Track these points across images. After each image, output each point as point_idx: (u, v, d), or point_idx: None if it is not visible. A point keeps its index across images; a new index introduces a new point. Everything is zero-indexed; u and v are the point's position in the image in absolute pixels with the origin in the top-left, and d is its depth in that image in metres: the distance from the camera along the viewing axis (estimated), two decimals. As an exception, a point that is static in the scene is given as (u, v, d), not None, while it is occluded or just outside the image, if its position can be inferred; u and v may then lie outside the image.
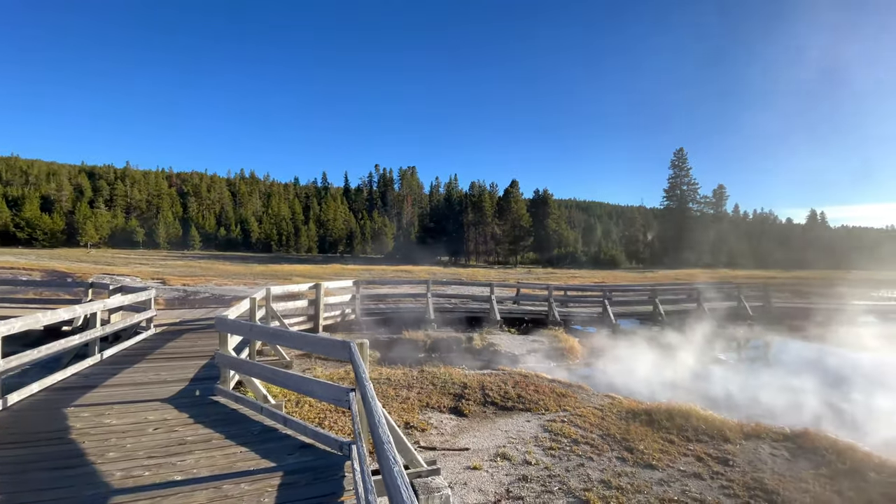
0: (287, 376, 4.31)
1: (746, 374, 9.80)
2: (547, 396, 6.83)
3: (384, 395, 6.58)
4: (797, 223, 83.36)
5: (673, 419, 5.74)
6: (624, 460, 4.78)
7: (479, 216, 72.21)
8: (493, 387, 7.22)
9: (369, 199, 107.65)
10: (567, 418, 6.01)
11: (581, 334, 12.69)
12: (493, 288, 13.85)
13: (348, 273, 34.25)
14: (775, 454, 5.08)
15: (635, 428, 5.58)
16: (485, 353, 10.78)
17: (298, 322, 10.84)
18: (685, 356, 10.59)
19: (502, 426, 5.80)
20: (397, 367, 8.28)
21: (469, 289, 20.75)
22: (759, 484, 4.28)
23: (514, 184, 73.22)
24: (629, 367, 9.78)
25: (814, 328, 14.71)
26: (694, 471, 4.56)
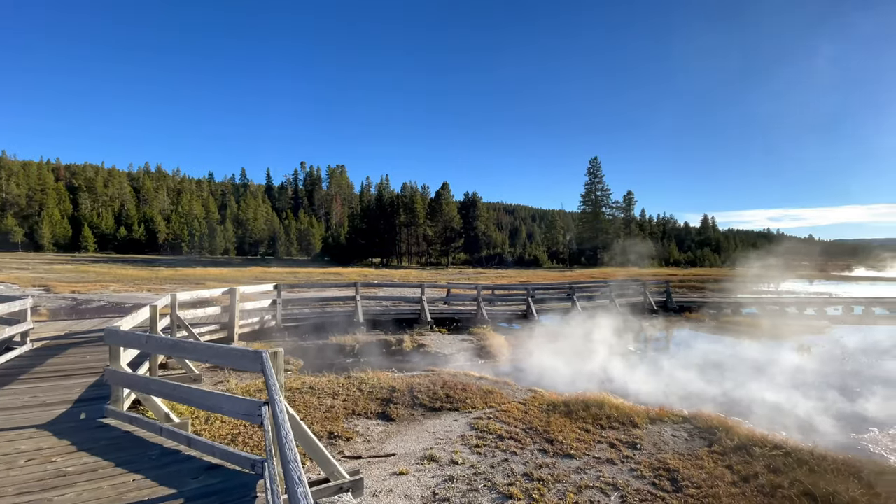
0: (190, 392, 3.89)
1: (652, 362, 10.76)
2: (474, 395, 6.94)
3: (306, 406, 6.25)
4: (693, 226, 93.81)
5: (588, 409, 6.12)
6: (545, 452, 4.98)
7: (412, 217, 72.10)
8: (422, 388, 7.18)
9: (295, 197, 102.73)
10: (493, 415, 6.15)
11: (507, 331, 13.13)
12: (423, 289, 13.84)
13: (270, 276, 32.34)
14: (676, 435, 5.60)
15: (555, 419, 5.86)
16: (415, 354, 10.73)
17: (210, 331, 9.97)
18: (600, 348, 11.38)
19: (430, 428, 5.77)
20: (323, 375, 7.93)
21: (401, 290, 20.60)
22: (662, 464, 4.69)
23: (445, 186, 74.16)
24: (551, 361, 10.29)
25: (707, 319, 16.61)
26: (607, 457, 4.88)
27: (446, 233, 72.08)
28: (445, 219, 71.63)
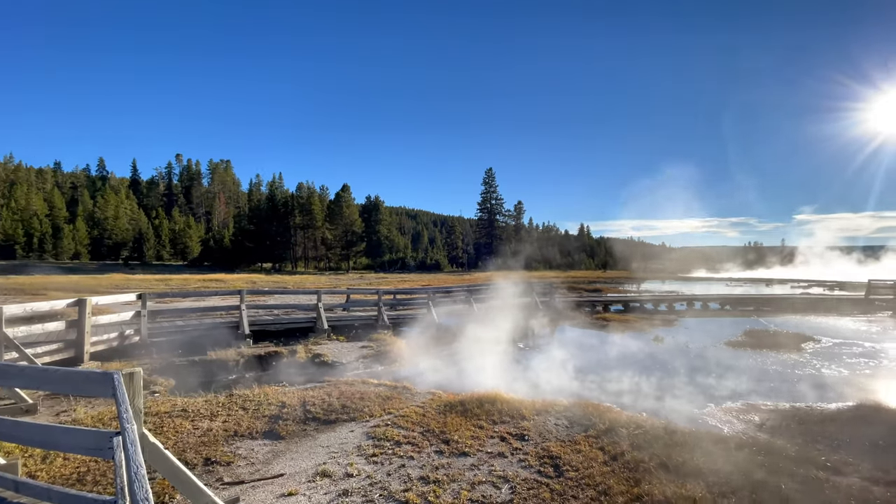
0: (16, 426, 3.16)
1: (539, 357, 11.64)
2: (372, 402, 6.78)
3: (178, 431, 5.50)
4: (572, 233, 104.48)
5: (482, 406, 6.38)
6: (441, 453, 5.05)
7: (309, 220, 68.46)
8: (315, 401, 6.81)
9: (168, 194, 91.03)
10: (391, 421, 6.07)
11: (409, 335, 13.14)
12: (320, 295, 13.20)
13: (135, 284, 28.08)
14: (558, 424, 6.11)
15: (452, 419, 5.99)
16: (310, 365, 10.16)
17: (51, 351, 8.29)
18: (495, 347, 11.99)
19: (324, 442, 5.49)
20: (199, 395, 7.06)
21: (295, 297, 19.39)
22: (547, 452, 5.07)
23: (346, 188, 72.04)
24: (450, 361, 10.56)
25: (584, 316, 18.55)
26: (499, 451, 5.12)
27: (347, 236, 69.97)
28: (346, 222, 69.51)
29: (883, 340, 13.60)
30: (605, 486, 4.22)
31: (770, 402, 7.71)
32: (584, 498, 4.05)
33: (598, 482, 4.31)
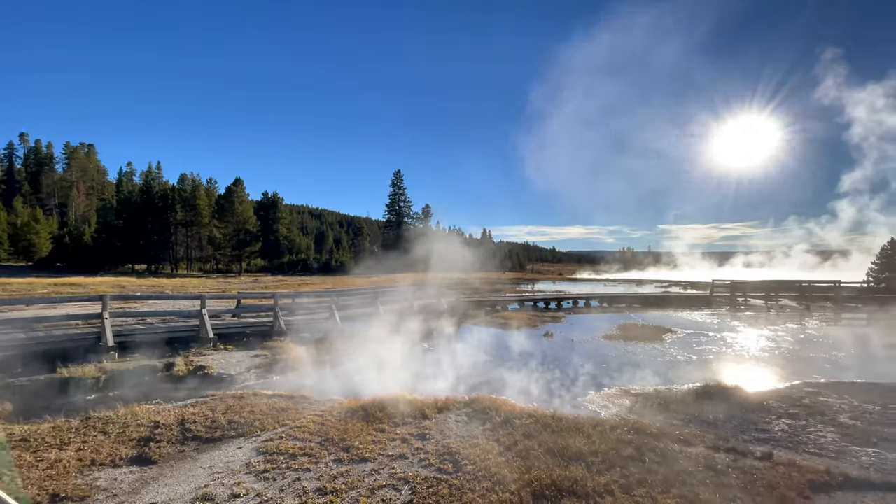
0: None
1: (443, 356, 11.90)
2: (265, 415, 6.31)
3: (17, 464, 4.54)
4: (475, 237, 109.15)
5: (385, 409, 6.32)
6: (340, 461, 4.88)
7: (194, 216, 61.40)
8: (196, 418, 6.13)
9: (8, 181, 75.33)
10: (286, 433, 5.70)
11: (309, 341, 12.49)
12: (204, 300, 11.90)
13: (-45, 290, 22.66)
14: (458, 420, 6.30)
15: (353, 425, 5.83)
16: (191, 379, 9.12)
17: None
18: (400, 348, 11.97)
19: (206, 462, 4.96)
20: (45, 421, 5.92)
21: (174, 303, 17.28)
22: (447, 449, 5.19)
23: (239, 182, 66.05)
24: (354, 366, 10.27)
25: (484, 315, 19.43)
26: (400, 452, 5.11)
27: (239, 235, 64.21)
28: (239, 219, 63.76)
29: (722, 330, 16.46)
30: (500, 476, 4.45)
31: (638, 387, 8.85)
32: (480, 490, 4.22)
33: (494, 473, 4.53)
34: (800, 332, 15.93)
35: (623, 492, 4.19)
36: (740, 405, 7.36)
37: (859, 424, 6.59)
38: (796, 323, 18.36)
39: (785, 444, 5.87)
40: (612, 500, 4.01)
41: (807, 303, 24.36)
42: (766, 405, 7.41)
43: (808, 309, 22.97)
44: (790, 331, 16.32)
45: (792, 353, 12.24)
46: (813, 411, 7.13)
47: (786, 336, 15.14)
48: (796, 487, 4.46)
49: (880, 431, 6.31)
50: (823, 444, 5.89)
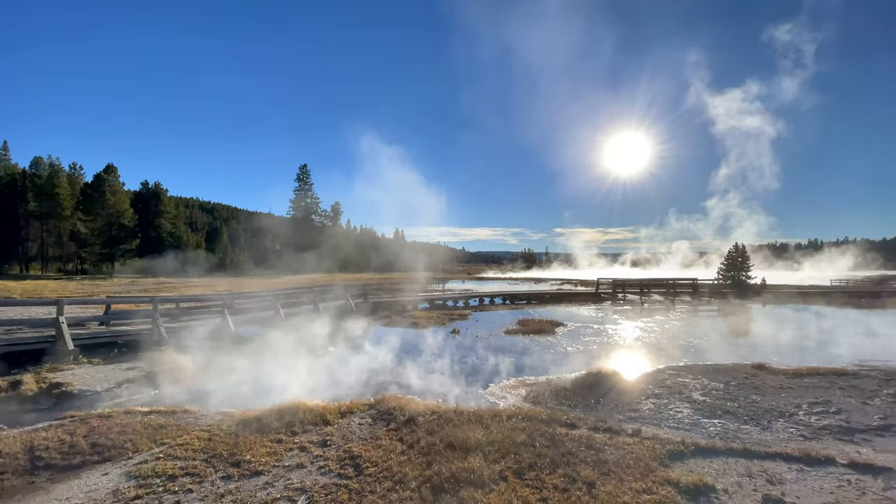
0: None
1: (351, 358, 11.60)
2: (138, 434, 5.58)
3: None
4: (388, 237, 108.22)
5: (283, 418, 5.98)
6: (230, 477, 4.51)
7: (51, 206, 51.90)
8: (50, 444, 5.21)
9: None
10: (164, 453, 5.10)
11: (197, 350, 11.31)
12: (62, 306, 10.15)
13: None
14: (362, 423, 6.20)
15: (245, 438, 5.42)
16: (44, 398, 7.74)
17: None
18: (303, 353, 11.40)
19: (62, 493, 4.25)
20: None
21: (25, 310, 14.53)
22: (349, 453, 5.08)
23: (111, 169, 57.30)
24: (250, 375, 9.54)
25: (395, 315, 19.38)
26: (298, 462, 4.88)
27: (112, 230, 55.79)
28: (111, 212, 55.36)
29: (605, 323, 18.42)
30: (402, 475, 4.48)
31: (533, 377, 9.53)
32: (381, 491, 4.21)
33: (396, 472, 4.54)
34: (666, 323, 18.50)
35: (516, 476, 4.48)
36: (617, 389, 8.31)
37: (708, 400, 7.84)
38: (663, 315, 21.27)
39: (651, 421, 6.77)
40: (505, 486, 4.27)
41: (672, 297, 28.35)
42: (637, 388, 8.47)
43: (672, 303, 26.77)
44: (658, 322, 18.86)
45: (659, 341, 14.15)
46: (673, 391, 8.32)
47: (655, 326, 17.47)
48: (658, 457, 5.17)
49: (724, 405, 7.57)
50: (681, 419, 6.92)
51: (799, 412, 7.20)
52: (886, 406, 7.48)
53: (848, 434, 6.38)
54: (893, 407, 7.43)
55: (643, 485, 4.43)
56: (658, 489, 4.35)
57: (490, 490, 4.21)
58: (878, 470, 5.09)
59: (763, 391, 8.28)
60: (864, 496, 4.48)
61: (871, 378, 9.19)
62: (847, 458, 5.38)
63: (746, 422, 6.79)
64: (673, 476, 4.63)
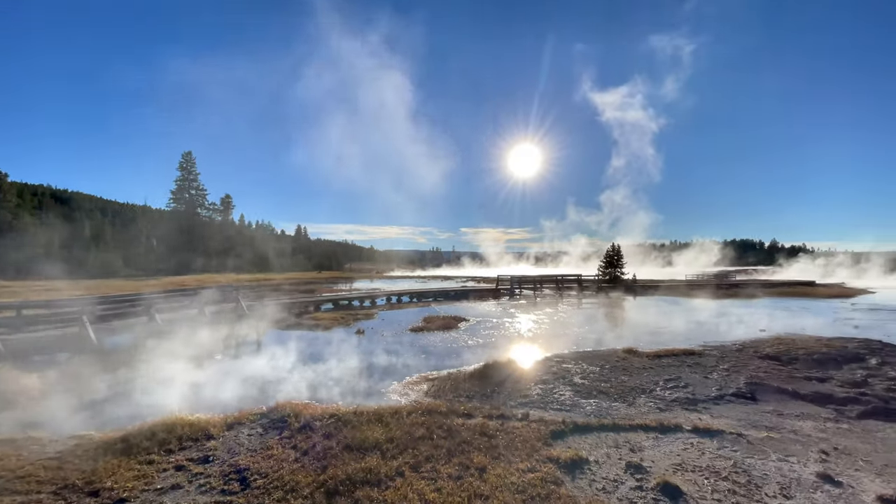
0: None
1: (240, 366, 10.73)
2: (-45, 473, 4.55)
3: None
4: (289, 234, 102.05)
5: (156, 436, 5.34)
6: (84, 511, 3.91)
7: None
8: None
9: None
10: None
11: (46, 366, 9.53)
12: None
13: None
14: (252, 434, 5.80)
15: (107, 463, 4.73)
16: None
17: None
18: (184, 364, 10.26)
19: None
20: None
21: None
22: (234, 468, 4.72)
23: (-82, 147, 45.36)
24: (115, 392, 8.32)
25: (295, 318, 18.37)
26: (173, 483, 4.41)
27: (-80, 223, 44.21)
28: (-82, 201, 43.86)
29: (503, 317, 19.57)
30: (294, 483, 4.29)
31: (435, 372, 9.78)
32: (270, 502, 3.99)
33: (287, 481, 4.34)
34: (554, 315, 20.27)
35: (412, 470, 4.58)
36: (511, 377, 8.90)
37: (586, 383, 8.77)
38: (553, 308, 23.28)
39: (538, 405, 7.39)
40: (401, 481, 4.33)
41: (560, 292, 31.11)
42: (528, 375, 9.17)
43: (561, 297, 29.41)
44: (548, 314, 20.60)
45: (549, 332, 15.46)
46: (558, 376, 9.17)
47: (545, 319, 19.05)
48: (542, 437, 5.66)
49: (599, 386, 8.54)
50: (563, 401, 7.65)
51: (657, 388, 8.43)
52: (721, 379, 9.09)
53: (693, 404, 7.63)
54: (727, 379, 9.05)
55: (528, 464, 4.83)
56: (541, 467, 4.77)
57: (386, 487, 4.24)
58: (713, 433, 6.18)
59: (630, 372, 9.53)
60: (703, 455, 5.41)
61: (711, 356, 11.09)
62: (691, 425, 6.44)
63: (616, 399, 7.76)
64: (554, 454, 5.12)
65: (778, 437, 6.05)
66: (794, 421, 6.83)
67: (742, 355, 11.08)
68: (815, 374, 9.51)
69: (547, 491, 4.28)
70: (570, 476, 4.71)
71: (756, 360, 10.59)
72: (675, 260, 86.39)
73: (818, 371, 9.72)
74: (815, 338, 13.36)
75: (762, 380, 8.90)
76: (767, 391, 8.31)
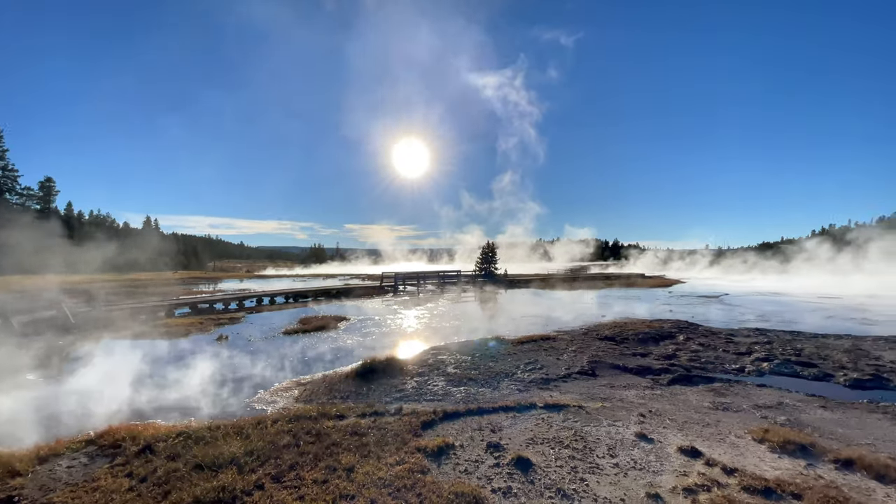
0: None
1: (65, 387, 8.87)
2: None
3: None
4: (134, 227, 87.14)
5: (-80, 488, 4.13)
6: None
7: None
8: None
9: None
10: None
11: None
12: None
13: None
14: (74, 465, 4.86)
15: None
16: None
17: None
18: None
19: None
20: None
21: None
22: (43, 509, 3.90)
23: None
24: None
25: (140, 326, 15.80)
26: (-54, 543, 3.47)
27: None
28: None
29: (385, 314, 19.59)
30: (126, 516, 3.73)
31: (309, 375, 9.36)
32: (91, 543, 3.40)
33: (117, 515, 3.75)
34: (435, 310, 21.00)
35: (274, 481, 4.33)
36: (388, 373, 8.98)
37: (458, 372, 9.28)
38: (434, 303, 24.09)
39: (413, 398, 7.59)
40: (260, 495, 4.07)
41: (442, 287, 32.33)
42: (405, 370, 9.35)
43: (442, 292, 30.58)
44: (429, 309, 21.26)
45: (429, 326, 15.96)
46: (433, 368, 9.53)
47: (426, 313, 19.62)
48: (413, 429, 5.84)
49: (469, 374, 9.10)
50: (436, 391, 7.98)
51: (518, 371, 9.32)
52: (570, 359, 10.42)
53: (546, 383, 8.61)
54: (574, 359, 10.40)
55: (398, 457, 4.94)
56: (409, 458, 4.92)
57: (243, 503, 3.94)
58: (561, 407, 7.06)
59: (497, 359, 10.37)
60: (551, 428, 6.14)
61: (563, 340, 12.63)
62: (543, 402, 7.26)
63: (483, 385, 8.38)
64: (423, 443, 5.33)
65: (609, 406, 7.19)
66: (622, 391, 8.19)
67: (587, 338, 12.88)
68: (639, 350, 11.52)
69: (413, 480, 4.43)
70: (436, 463, 4.94)
71: (597, 341, 12.41)
72: (551, 254, 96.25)
73: (642, 348, 11.80)
74: (642, 320, 16.18)
75: (601, 358, 10.47)
76: (604, 367, 9.81)
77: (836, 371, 9.49)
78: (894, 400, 7.76)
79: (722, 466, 4.92)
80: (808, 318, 18.02)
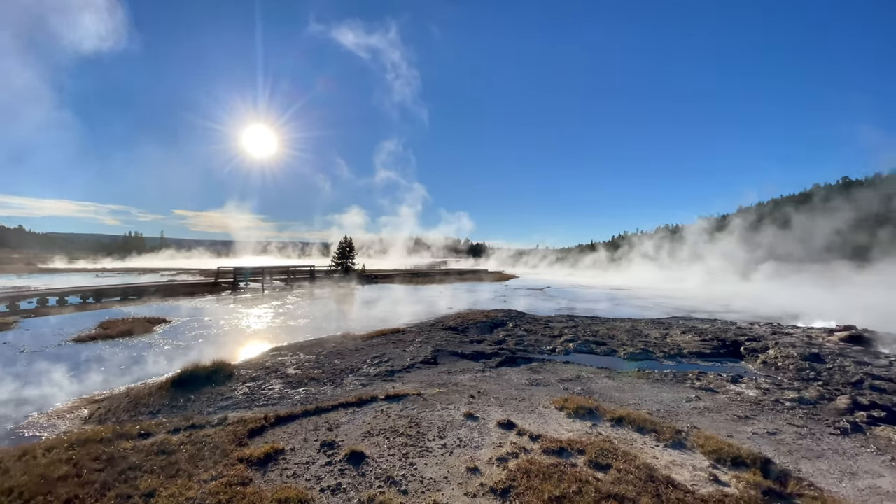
0: None
1: None
2: None
3: None
4: None
5: None
6: None
7: None
8: None
9: None
10: None
11: None
12: None
13: None
14: None
15: None
16: None
17: None
18: None
19: None
20: None
21: None
22: None
23: None
24: None
25: None
26: None
27: None
28: None
29: (220, 314, 17.43)
30: None
31: (107, 390, 7.74)
32: None
33: None
34: (281, 308, 19.55)
35: (34, 527, 3.46)
36: (214, 381, 8.00)
37: (300, 372, 8.80)
38: (281, 300, 22.41)
39: (242, 405, 6.92)
40: (10, 546, 3.21)
41: (291, 283, 30.31)
42: (237, 375, 8.47)
43: (291, 288, 28.67)
44: (275, 307, 19.70)
45: (273, 326, 14.77)
46: (271, 371, 8.85)
47: (270, 312, 18.13)
48: (238, 439, 5.33)
49: (312, 374, 8.70)
50: (271, 395, 7.43)
51: (364, 366, 9.31)
52: (415, 350, 10.83)
53: (391, 375, 8.79)
54: (419, 350, 10.84)
55: (214, 472, 4.45)
56: (228, 471, 4.48)
57: (-21, 563, 3.05)
58: (401, 397, 7.27)
59: (344, 355, 10.18)
60: (389, 418, 6.27)
61: (411, 332, 13.08)
62: (385, 394, 7.39)
63: (326, 383, 8.12)
64: (247, 453, 4.90)
65: (445, 391, 7.71)
66: (458, 376, 8.87)
67: (433, 329, 13.60)
68: (476, 337, 12.65)
69: (230, 495, 4.04)
70: (261, 472, 4.60)
71: (442, 331, 13.20)
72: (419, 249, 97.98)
73: (479, 335, 12.98)
74: (481, 311, 17.79)
75: (443, 347, 11.16)
76: (445, 355, 10.48)
77: (619, 347, 11.92)
78: (654, 368, 10.12)
79: (530, 434, 5.72)
80: (603, 305, 22.30)
